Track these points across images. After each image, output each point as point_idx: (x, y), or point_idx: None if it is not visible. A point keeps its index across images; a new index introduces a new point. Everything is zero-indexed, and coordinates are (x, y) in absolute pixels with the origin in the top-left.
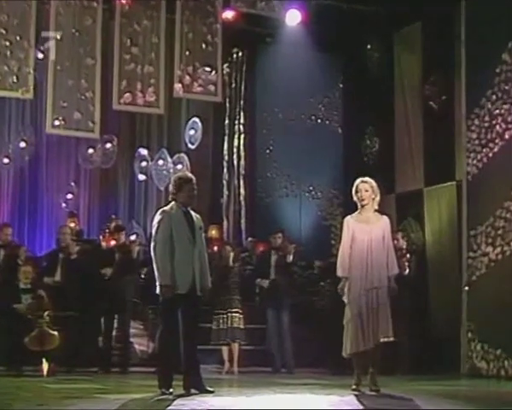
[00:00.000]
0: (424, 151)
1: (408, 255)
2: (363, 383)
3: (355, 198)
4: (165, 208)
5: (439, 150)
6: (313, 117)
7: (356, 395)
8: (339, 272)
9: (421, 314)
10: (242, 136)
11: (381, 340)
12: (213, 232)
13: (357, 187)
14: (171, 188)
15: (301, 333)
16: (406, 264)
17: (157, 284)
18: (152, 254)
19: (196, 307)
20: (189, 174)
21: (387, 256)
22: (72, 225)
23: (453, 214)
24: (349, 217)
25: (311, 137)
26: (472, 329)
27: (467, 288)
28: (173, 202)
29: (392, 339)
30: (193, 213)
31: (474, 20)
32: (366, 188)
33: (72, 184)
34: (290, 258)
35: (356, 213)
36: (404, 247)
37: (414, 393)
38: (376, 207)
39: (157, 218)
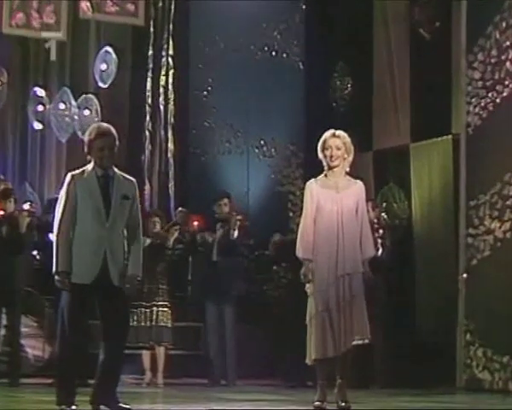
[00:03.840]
0: (411, 95)
1: (381, 231)
2: (328, 399)
3: (321, 156)
4: (75, 172)
5: (430, 94)
6: (266, 48)
7: None
8: (299, 253)
9: (404, 310)
10: (171, 72)
11: (355, 342)
12: None
13: (325, 143)
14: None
15: (248, 334)
16: (379, 242)
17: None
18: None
19: (117, 301)
20: (103, 125)
21: (361, 234)
22: None
23: (448, 179)
24: (312, 181)
25: (262, 75)
26: (471, 329)
27: (465, 275)
28: (90, 164)
29: (366, 341)
30: (121, 175)
31: None
32: (338, 145)
33: None
34: (234, 234)
35: (321, 176)
36: (376, 220)
37: None
38: (347, 170)
39: (64, 186)
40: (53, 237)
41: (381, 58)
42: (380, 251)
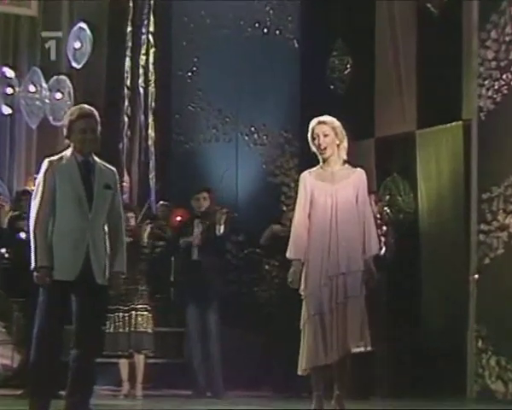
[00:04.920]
0: (417, 77)
1: (384, 227)
2: None
3: (313, 148)
4: (53, 158)
5: (439, 76)
6: (257, 24)
7: None
8: (290, 253)
9: (408, 313)
10: (152, 51)
11: (352, 350)
12: None
13: (312, 132)
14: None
15: (236, 339)
16: (382, 240)
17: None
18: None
19: (98, 302)
20: (86, 106)
21: (364, 229)
22: None
23: (458, 169)
24: (306, 173)
25: (253, 54)
26: (483, 335)
27: (476, 276)
28: (69, 149)
29: (368, 349)
30: (101, 163)
31: None
32: (325, 131)
33: None
34: (221, 229)
35: (317, 167)
36: (379, 216)
37: None
38: (345, 158)
39: (40, 172)
40: (22, 234)
41: (385, 35)
42: (382, 250)
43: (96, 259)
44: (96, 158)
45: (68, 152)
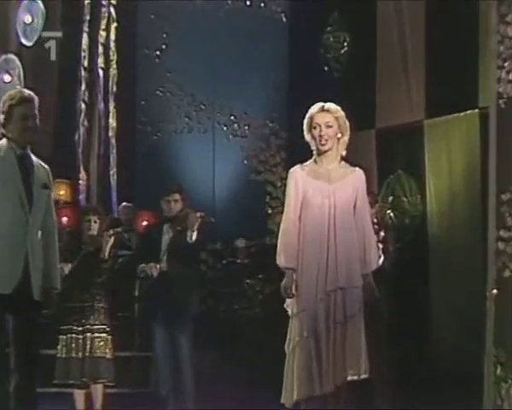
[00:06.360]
0: (427, 58)
1: (382, 233)
2: None
3: (308, 138)
4: None
5: (451, 57)
6: None
7: None
8: (281, 261)
9: (414, 334)
10: (114, 26)
11: (349, 378)
12: (61, 193)
13: (312, 120)
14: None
15: (211, 366)
16: (380, 247)
17: None
18: None
19: (35, 320)
20: (25, 91)
21: (363, 238)
22: None
23: (474, 165)
24: (298, 168)
25: (234, 31)
26: (502, 361)
27: (495, 291)
28: (3, 140)
29: (365, 376)
30: (34, 159)
31: None
32: (329, 121)
33: None
34: (193, 236)
35: (309, 162)
36: (376, 220)
37: None
38: (343, 153)
39: None
40: None
41: (388, 9)
42: (381, 259)
43: (35, 270)
44: (28, 151)
45: (4, 142)
